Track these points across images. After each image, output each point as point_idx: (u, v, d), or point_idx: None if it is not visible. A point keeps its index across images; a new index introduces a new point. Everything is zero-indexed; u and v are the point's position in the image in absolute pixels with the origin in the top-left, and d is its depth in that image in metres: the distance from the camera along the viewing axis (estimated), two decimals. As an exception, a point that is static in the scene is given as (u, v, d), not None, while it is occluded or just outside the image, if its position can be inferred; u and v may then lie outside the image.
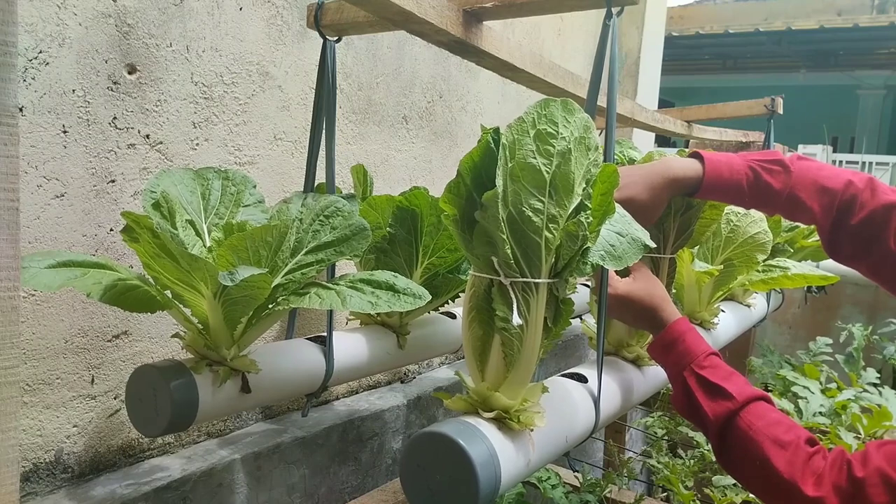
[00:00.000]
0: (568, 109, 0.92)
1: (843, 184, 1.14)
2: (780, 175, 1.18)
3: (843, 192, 1.14)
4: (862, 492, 0.85)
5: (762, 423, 0.97)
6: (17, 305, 0.54)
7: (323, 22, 1.34)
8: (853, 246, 1.13)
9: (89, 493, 1.26)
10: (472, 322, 0.98)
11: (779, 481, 0.91)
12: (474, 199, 0.93)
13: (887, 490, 0.84)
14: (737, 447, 0.98)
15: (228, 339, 1.14)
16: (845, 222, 1.13)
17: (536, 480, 1.68)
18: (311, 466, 1.66)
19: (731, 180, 1.21)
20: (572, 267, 0.96)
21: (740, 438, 0.98)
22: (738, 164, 1.22)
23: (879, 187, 1.13)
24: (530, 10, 1.30)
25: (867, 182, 1.14)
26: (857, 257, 1.14)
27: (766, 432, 0.96)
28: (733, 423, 0.99)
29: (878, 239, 1.09)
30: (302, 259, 1.17)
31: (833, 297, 3.83)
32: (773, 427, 0.96)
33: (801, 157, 1.21)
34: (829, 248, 1.17)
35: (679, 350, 1.10)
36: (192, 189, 1.19)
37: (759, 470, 0.94)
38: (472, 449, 0.87)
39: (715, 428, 1.01)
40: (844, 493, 0.86)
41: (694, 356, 1.08)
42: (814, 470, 0.90)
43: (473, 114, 2.33)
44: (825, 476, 0.89)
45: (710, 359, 1.07)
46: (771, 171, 1.19)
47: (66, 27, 1.20)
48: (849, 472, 0.88)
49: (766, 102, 2.46)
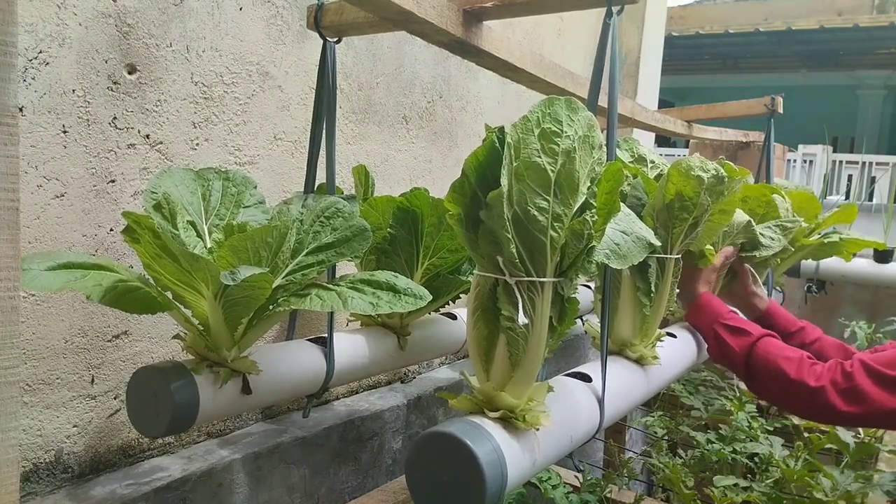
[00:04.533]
0: (572, 108, 0.91)
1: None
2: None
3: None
4: (850, 378, 1.21)
5: (774, 348, 1.34)
6: (17, 305, 0.53)
7: (323, 23, 1.34)
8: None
9: (89, 493, 1.26)
10: (478, 322, 0.97)
11: (790, 383, 1.26)
12: (479, 199, 0.93)
13: (867, 373, 1.20)
14: (759, 368, 1.34)
15: (229, 341, 1.14)
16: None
17: (537, 480, 1.68)
18: (311, 466, 1.65)
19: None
20: (577, 266, 0.96)
21: (760, 359, 1.34)
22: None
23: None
24: (530, 9, 1.29)
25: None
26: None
27: (778, 353, 1.32)
28: (754, 351, 1.35)
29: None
30: (302, 260, 1.16)
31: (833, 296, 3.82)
32: (783, 349, 1.33)
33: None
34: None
35: (709, 311, 1.48)
36: (193, 190, 1.18)
37: (775, 379, 1.30)
38: (479, 448, 0.87)
39: (741, 358, 1.37)
40: (838, 382, 1.22)
41: (720, 313, 1.47)
42: (815, 371, 1.26)
43: (473, 114, 2.33)
44: (823, 374, 1.24)
45: (731, 314, 1.47)
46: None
47: (66, 27, 1.19)
48: (841, 368, 1.23)
49: (766, 102, 2.45)
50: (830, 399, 1.21)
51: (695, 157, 1.39)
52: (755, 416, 2.17)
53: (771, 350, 1.33)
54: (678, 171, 1.37)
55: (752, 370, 1.36)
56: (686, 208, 1.39)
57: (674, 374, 1.58)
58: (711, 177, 1.38)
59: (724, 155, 2.90)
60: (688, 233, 1.43)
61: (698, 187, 1.37)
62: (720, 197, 1.45)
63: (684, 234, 1.42)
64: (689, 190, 1.37)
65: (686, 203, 1.38)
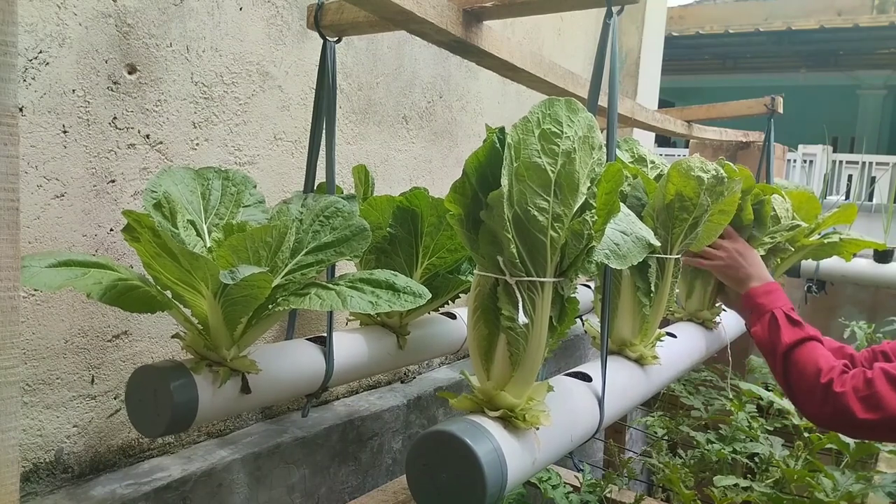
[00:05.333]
0: (572, 109, 0.91)
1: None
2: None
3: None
4: (871, 385, 1.23)
5: (820, 351, 1.37)
6: (17, 305, 0.53)
7: (323, 22, 1.34)
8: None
9: (89, 493, 1.26)
10: (478, 321, 0.97)
11: (818, 387, 1.29)
12: (479, 199, 0.93)
13: (887, 379, 1.22)
14: (796, 363, 1.37)
15: (228, 340, 1.14)
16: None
17: (537, 480, 1.68)
18: (311, 466, 1.65)
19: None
20: (577, 266, 0.96)
21: (802, 356, 1.37)
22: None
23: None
24: (530, 9, 1.30)
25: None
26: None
27: (820, 356, 1.35)
28: (800, 347, 1.38)
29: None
30: (302, 259, 1.16)
31: (833, 297, 3.82)
32: (826, 356, 1.35)
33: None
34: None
35: (776, 296, 1.54)
36: (193, 189, 1.18)
37: (806, 379, 1.33)
38: (479, 447, 0.87)
39: (786, 348, 1.40)
40: (859, 388, 1.24)
41: (786, 302, 1.52)
42: (842, 378, 1.28)
43: (473, 114, 2.33)
44: (847, 380, 1.27)
45: (793, 309, 1.51)
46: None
47: (66, 27, 1.19)
48: (863, 375, 1.25)
49: (766, 102, 2.46)
50: (850, 405, 1.23)
51: (695, 158, 1.39)
52: (755, 416, 2.17)
53: (816, 352, 1.35)
54: (678, 172, 1.37)
55: (789, 363, 1.39)
56: (686, 209, 1.39)
57: (674, 373, 1.58)
58: (711, 177, 1.38)
59: (724, 155, 2.90)
60: (688, 233, 1.43)
61: (698, 188, 1.37)
62: (720, 197, 1.45)
63: (684, 235, 1.42)
64: (689, 190, 1.37)
65: (686, 203, 1.38)
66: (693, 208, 1.39)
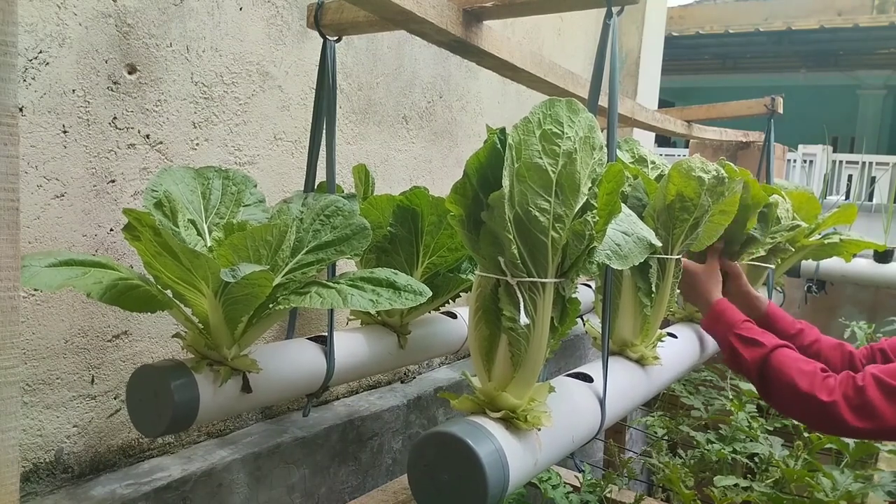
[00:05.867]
0: (573, 109, 0.91)
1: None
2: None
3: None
4: (862, 392, 1.20)
5: (788, 360, 1.32)
6: (17, 305, 0.53)
7: (323, 22, 1.34)
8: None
9: (89, 493, 1.26)
10: (479, 322, 0.97)
11: (802, 397, 1.25)
12: (480, 200, 0.93)
13: (879, 387, 1.19)
14: (772, 379, 1.33)
15: (229, 339, 1.14)
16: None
17: (538, 480, 1.68)
18: (311, 466, 1.65)
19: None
20: (579, 266, 0.96)
21: (773, 371, 1.32)
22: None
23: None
24: (530, 9, 1.29)
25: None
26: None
27: (791, 365, 1.31)
28: (767, 363, 1.34)
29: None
30: (302, 258, 1.16)
31: (833, 296, 3.82)
32: (796, 362, 1.32)
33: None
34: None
35: (724, 320, 1.47)
36: (193, 188, 1.18)
37: (788, 391, 1.29)
38: (481, 448, 0.87)
39: (756, 370, 1.36)
40: (850, 397, 1.21)
41: (734, 323, 1.45)
42: (827, 385, 1.24)
43: (473, 114, 2.32)
44: (836, 388, 1.23)
45: (745, 323, 1.45)
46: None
47: (66, 27, 1.19)
48: (853, 382, 1.22)
49: (766, 102, 2.45)
50: (842, 414, 1.21)
51: (695, 158, 1.39)
52: (755, 416, 2.17)
53: (785, 362, 1.32)
54: (679, 172, 1.37)
55: (765, 382, 1.36)
56: (687, 209, 1.39)
57: (674, 374, 1.58)
58: (712, 178, 1.38)
59: (725, 155, 2.90)
60: (688, 233, 1.43)
61: (699, 188, 1.37)
62: (721, 198, 1.45)
63: (685, 235, 1.42)
64: (689, 191, 1.37)
65: (687, 204, 1.38)
66: (694, 209, 1.39)
